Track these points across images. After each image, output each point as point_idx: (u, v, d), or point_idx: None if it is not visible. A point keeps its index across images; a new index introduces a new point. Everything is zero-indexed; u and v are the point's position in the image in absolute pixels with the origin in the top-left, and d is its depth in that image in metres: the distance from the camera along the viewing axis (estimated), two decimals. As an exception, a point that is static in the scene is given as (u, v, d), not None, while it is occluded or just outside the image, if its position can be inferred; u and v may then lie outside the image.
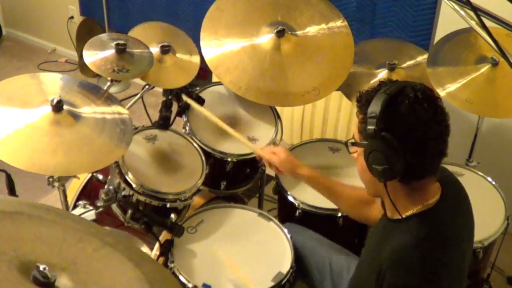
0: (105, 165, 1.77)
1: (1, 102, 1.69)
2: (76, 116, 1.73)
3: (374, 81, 2.31)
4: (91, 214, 2.14)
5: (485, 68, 2.19)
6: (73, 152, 1.66)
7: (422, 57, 2.39)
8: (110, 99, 1.86)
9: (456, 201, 1.46)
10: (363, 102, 1.37)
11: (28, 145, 1.61)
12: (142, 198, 1.87)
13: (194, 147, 2.09)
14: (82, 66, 4.03)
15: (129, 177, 1.87)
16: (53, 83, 1.84)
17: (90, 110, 1.79)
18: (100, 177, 2.14)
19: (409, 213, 1.39)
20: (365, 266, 1.51)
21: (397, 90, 1.33)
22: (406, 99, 1.31)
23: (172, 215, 1.91)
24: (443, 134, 1.35)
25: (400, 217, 1.39)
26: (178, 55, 2.17)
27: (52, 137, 1.66)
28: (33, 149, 1.61)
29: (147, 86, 2.17)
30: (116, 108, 1.84)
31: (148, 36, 2.14)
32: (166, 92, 2.13)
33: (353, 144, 1.42)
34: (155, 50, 2.10)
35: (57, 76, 1.89)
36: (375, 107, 1.31)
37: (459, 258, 1.41)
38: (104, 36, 2.05)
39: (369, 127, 1.32)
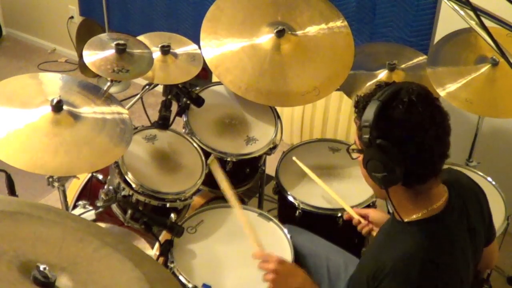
0: (105, 165, 1.77)
1: (1, 102, 1.69)
2: (76, 116, 1.73)
3: (374, 81, 2.31)
4: (91, 214, 2.14)
5: (485, 68, 2.19)
6: (73, 152, 1.66)
7: (422, 58, 2.39)
8: (110, 99, 1.86)
9: (464, 207, 1.43)
10: (360, 108, 1.36)
11: (28, 145, 1.61)
12: (141, 198, 1.87)
13: (194, 147, 2.09)
14: (82, 66, 4.02)
15: (129, 177, 1.87)
16: (53, 83, 1.84)
17: (90, 110, 1.79)
18: (100, 177, 2.14)
19: (413, 217, 1.37)
20: (365, 261, 1.51)
21: (390, 95, 1.30)
22: (400, 104, 1.28)
23: (172, 215, 1.91)
24: (443, 135, 1.32)
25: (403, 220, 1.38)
26: (178, 51, 2.17)
27: (52, 137, 1.66)
28: (33, 149, 1.61)
29: (147, 86, 2.17)
30: (116, 108, 1.84)
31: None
32: (166, 91, 2.13)
33: (353, 151, 1.42)
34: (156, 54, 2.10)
35: (57, 76, 1.89)
36: (368, 116, 1.29)
37: (460, 269, 1.39)
38: (104, 36, 2.04)
39: (364, 136, 1.31)
